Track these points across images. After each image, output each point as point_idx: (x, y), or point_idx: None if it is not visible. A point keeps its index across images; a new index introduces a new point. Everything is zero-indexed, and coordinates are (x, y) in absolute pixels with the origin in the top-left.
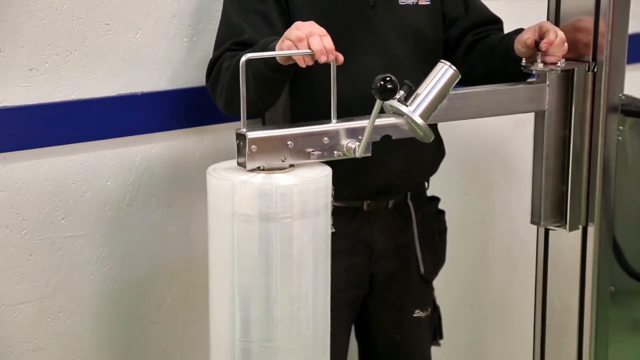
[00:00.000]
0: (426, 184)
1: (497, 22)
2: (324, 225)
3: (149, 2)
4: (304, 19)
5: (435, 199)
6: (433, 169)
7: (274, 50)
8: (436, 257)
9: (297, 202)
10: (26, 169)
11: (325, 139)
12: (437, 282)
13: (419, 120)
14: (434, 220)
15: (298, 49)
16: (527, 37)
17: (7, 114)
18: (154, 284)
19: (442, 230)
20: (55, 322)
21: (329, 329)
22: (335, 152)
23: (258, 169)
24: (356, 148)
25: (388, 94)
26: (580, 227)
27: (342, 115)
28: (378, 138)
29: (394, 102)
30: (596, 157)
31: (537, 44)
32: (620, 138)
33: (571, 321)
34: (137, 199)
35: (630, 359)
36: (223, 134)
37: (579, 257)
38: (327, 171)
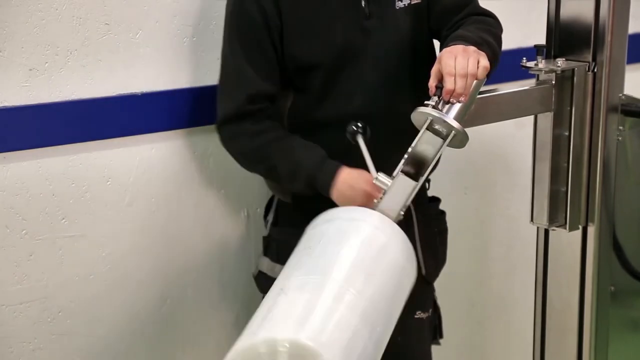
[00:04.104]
0: (427, 184)
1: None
2: None
3: (149, 2)
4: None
5: (436, 200)
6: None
7: (327, 182)
8: (437, 258)
9: None
10: (26, 169)
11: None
12: (437, 282)
13: (455, 124)
14: (435, 221)
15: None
16: (430, 82)
17: (7, 114)
18: (154, 284)
19: (442, 230)
20: (55, 322)
21: None
22: None
23: None
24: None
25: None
26: (580, 227)
27: (338, 132)
28: None
29: (428, 109)
30: (596, 157)
31: (438, 88)
32: (620, 138)
33: (571, 321)
34: (137, 199)
35: (630, 358)
36: None
37: (579, 257)
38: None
